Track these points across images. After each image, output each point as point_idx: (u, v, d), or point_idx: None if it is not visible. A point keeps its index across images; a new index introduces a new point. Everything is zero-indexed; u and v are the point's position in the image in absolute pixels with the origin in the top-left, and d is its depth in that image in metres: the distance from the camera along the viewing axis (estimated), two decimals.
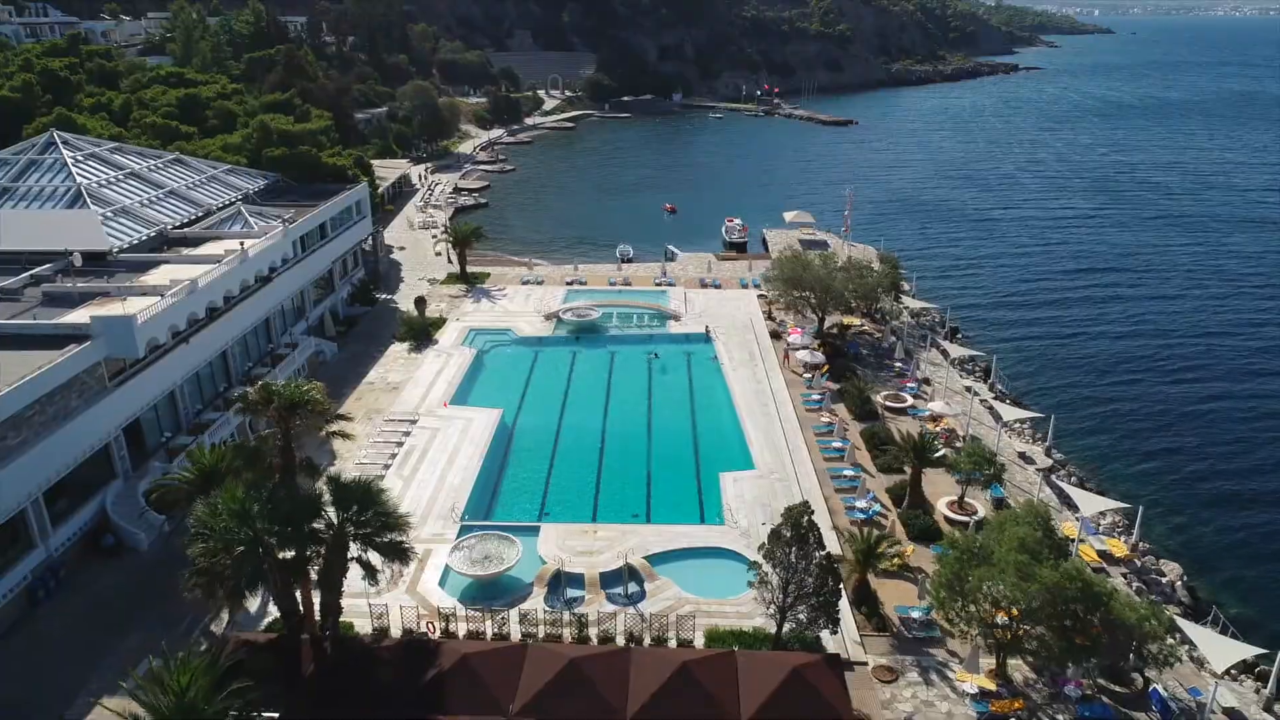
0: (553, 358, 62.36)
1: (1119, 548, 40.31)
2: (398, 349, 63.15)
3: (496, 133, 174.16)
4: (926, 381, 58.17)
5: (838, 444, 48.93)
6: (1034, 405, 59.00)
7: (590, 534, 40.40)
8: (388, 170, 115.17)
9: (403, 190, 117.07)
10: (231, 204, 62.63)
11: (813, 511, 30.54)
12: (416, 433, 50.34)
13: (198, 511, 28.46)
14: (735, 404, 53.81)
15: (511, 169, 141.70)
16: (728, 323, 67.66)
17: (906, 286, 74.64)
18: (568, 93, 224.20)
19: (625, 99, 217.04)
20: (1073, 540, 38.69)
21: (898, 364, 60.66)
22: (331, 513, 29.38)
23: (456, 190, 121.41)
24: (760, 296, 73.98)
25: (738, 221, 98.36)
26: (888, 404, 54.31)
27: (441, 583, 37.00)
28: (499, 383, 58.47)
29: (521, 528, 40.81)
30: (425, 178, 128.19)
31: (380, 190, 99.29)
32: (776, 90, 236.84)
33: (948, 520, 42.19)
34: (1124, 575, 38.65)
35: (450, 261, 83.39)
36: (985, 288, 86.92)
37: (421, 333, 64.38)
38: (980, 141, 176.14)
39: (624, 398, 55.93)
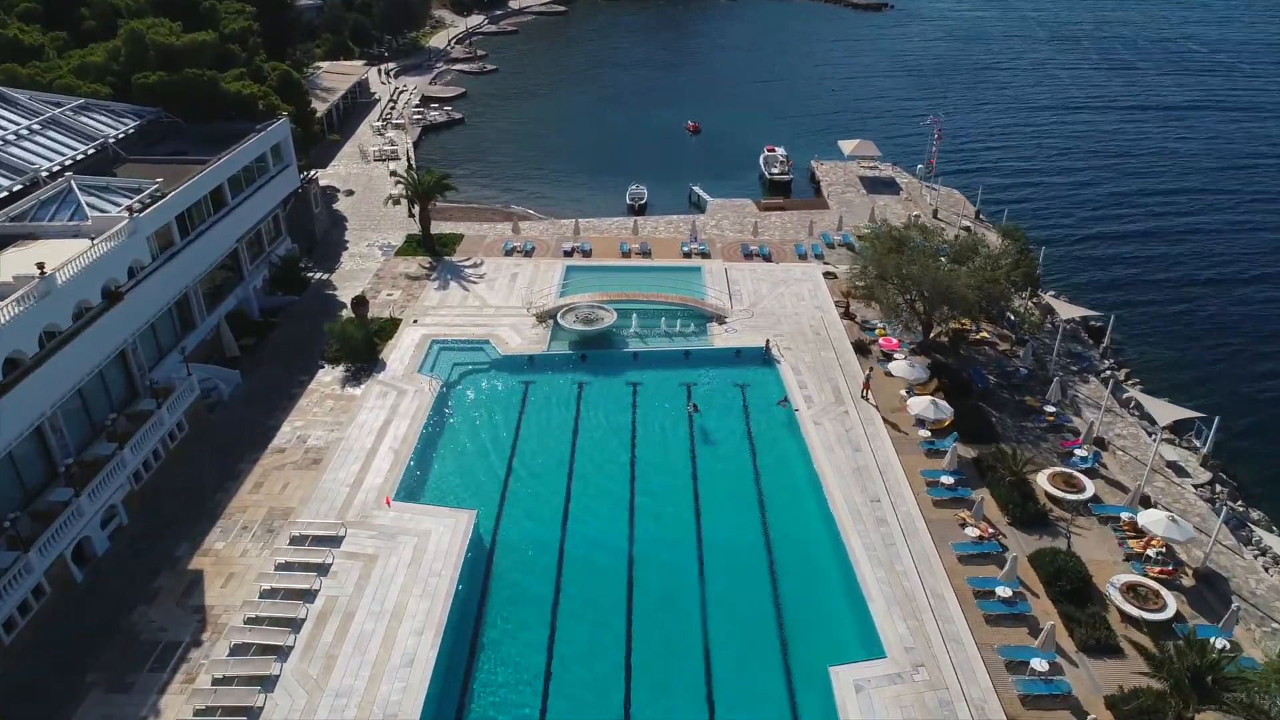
0: (549, 394, 43.36)
1: None
2: (326, 378, 44.09)
3: (476, 20, 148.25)
4: (1102, 444, 39.56)
5: (1005, 590, 30.98)
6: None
7: None
8: (338, 78, 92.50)
9: (357, 102, 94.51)
10: (63, 174, 42.10)
11: None
12: (340, 564, 32.16)
13: None
14: (830, 499, 35.33)
15: (493, 69, 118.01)
16: (792, 326, 48.55)
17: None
18: None
19: None
20: None
21: (1048, 408, 41.86)
22: None
23: (425, 102, 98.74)
24: (828, 274, 54.86)
25: (780, 151, 76.97)
26: (1051, 490, 36.06)
27: None
28: (471, 449, 39.64)
29: None
30: (387, 81, 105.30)
31: (322, 112, 77.60)
32: None
33: None
34: None
35: (411, 215, 63.11)
36: (1132, 257, 63.42)
37: (362, 350, 45.22)
38: (1042, 30, 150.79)
39: (655, 480, 37.33)
